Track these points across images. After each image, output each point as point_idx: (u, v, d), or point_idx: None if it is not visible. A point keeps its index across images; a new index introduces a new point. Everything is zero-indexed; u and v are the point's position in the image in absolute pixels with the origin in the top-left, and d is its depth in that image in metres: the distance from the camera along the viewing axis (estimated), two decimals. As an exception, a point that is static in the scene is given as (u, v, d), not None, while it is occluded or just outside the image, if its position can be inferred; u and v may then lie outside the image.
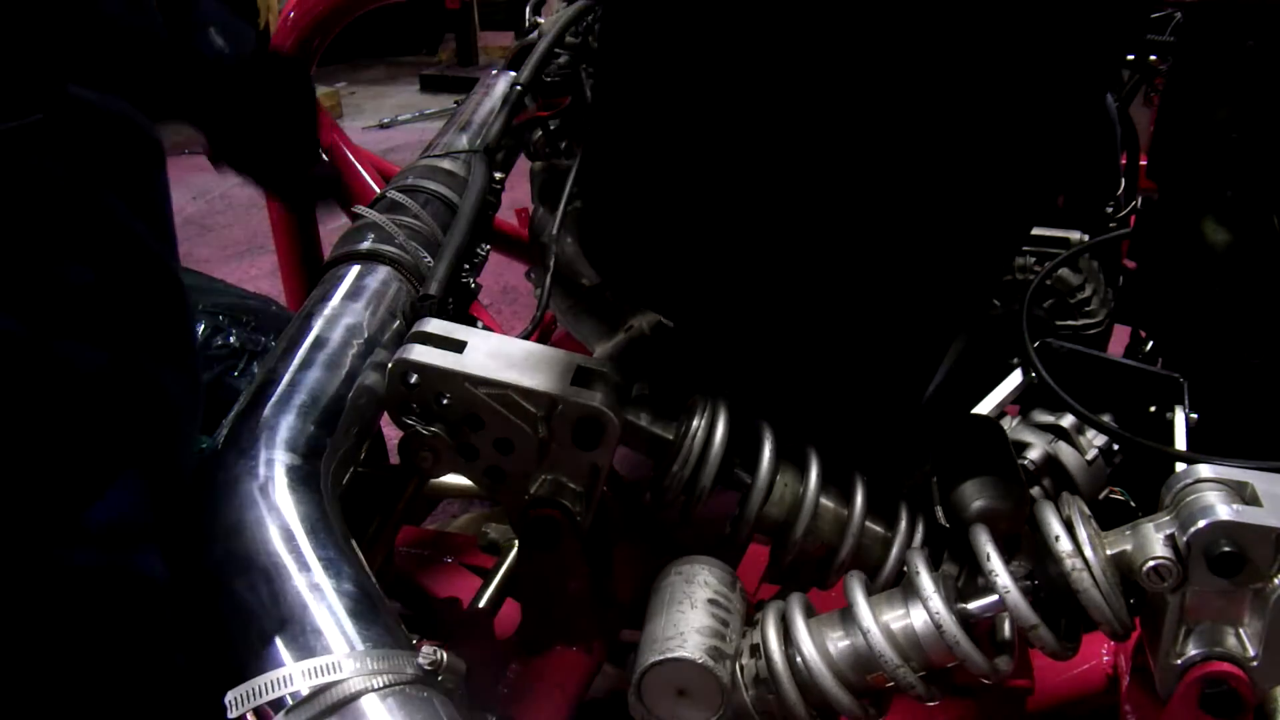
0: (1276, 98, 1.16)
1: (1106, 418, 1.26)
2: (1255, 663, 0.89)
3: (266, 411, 0.99)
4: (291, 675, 0.75)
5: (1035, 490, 1.25)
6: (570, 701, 1.16)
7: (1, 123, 0.79)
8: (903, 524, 1.10)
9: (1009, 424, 1.33)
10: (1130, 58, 1.80)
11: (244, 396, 1.03)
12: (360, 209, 1.35)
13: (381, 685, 0.76)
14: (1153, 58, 1.76)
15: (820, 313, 1.17)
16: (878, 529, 1.11)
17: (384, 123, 6.69)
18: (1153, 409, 1.26)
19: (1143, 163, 1.61)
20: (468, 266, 1.35)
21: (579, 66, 1.64)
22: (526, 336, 1.19)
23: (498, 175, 1.51)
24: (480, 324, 1.26)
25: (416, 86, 7.61)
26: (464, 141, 1.59)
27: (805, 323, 1.18)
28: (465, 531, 1.90)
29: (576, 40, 1.64)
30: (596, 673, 1.21)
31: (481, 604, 1.36)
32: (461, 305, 1.32)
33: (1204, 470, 0.92)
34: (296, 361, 1.07)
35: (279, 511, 0.88)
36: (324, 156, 1.54)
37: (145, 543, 0.89)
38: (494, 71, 1.83)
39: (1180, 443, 1.18)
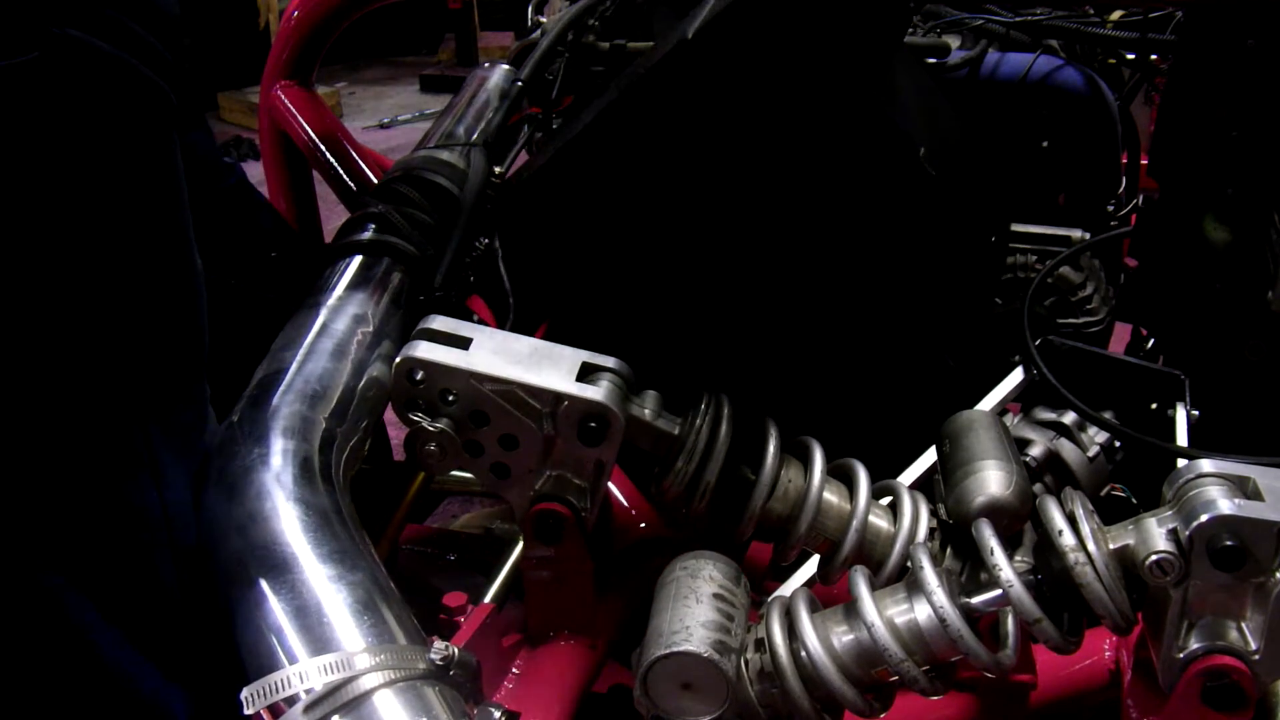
0: (1276, 97, 1.16)
1: (1108, 415, 1.26)
2: (1257, 656, 0.89)
3: (276, 400, 0.99)
4: (306, 672, 0.75)
5: (1037, 486, 1.25)
6: (574, 696, 1.16)
7: None
8: (906, 519, 1.11)
9: (1011, 421, 1.33)
10: (1131, 57, 1.80)
11: (253, 384, 1.03)
12: (362, 198, 1.36)
13: (394, 680, 0.76)
14: (1153, 57, 1.77)
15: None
16: (881, 524, 1.12)
17: (384, 123, 6.70)
18: (1154, 406, 1.26)
19: (1143, 161, 1.62)
20: (467, 260, 1.36)
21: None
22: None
23: (496, 169, 1.52)
24: (475, 317, 1.27)
25: (416, 86, 7.61)
26: (461, 133, 1.60)
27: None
28: (469, 529, 1.90)
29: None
30: (601, 667, 1.21)
31: (486, 600, 1.36)
32: (460, 298, 1.33)
33: (1206, 465, 0.92)
34: (304, 350, 1.07)
35: (294, 503, 0.88)
36: None
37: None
38: (486, 64, 1.84)
39: (1182, 439, 1.19)
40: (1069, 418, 1.30)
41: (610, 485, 1.25)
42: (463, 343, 1.07)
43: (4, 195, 0.82)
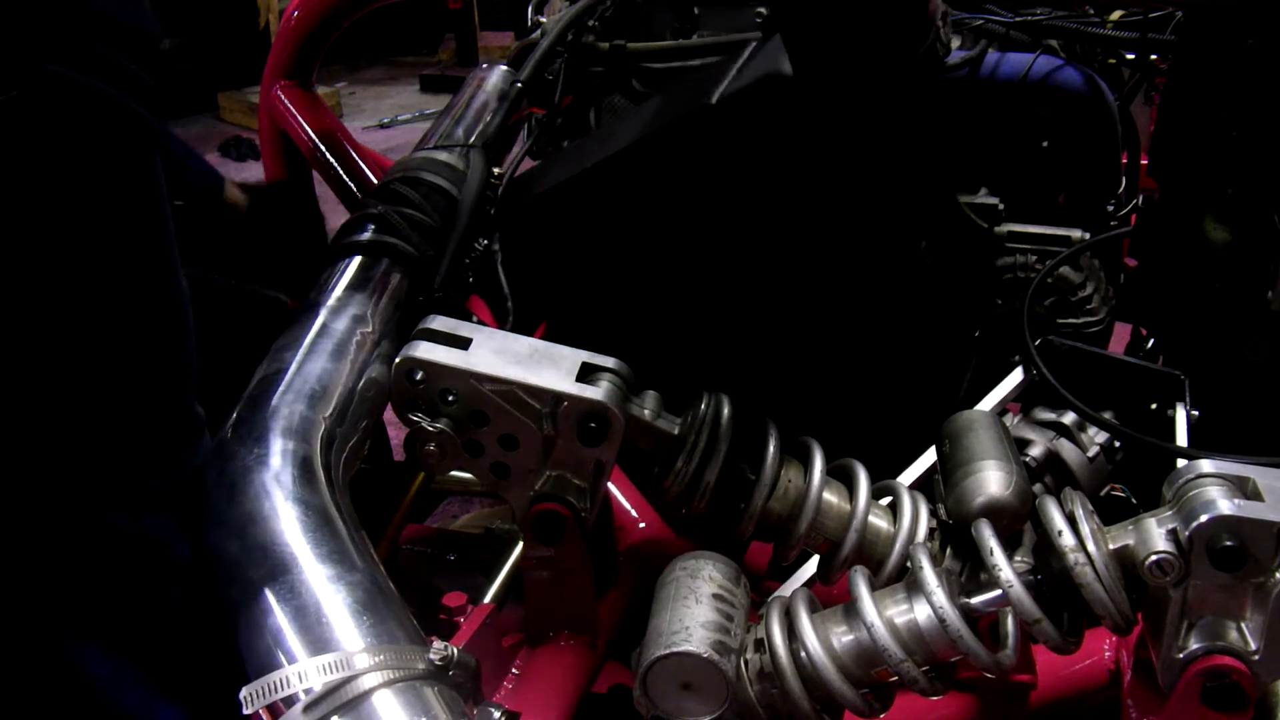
0: (1276, 97, 1.16)
1: (1108, 415, 1.26)
2: (1257, 656, 0.89)
3: (275, 400, 0.99)
4: (305, 672, 0.75)
5: (1037, 486, 1.25)
6: (574, 696, 1.16)
7: None
8: (905, 519, 1.11)
9: (1011, 421, 1.33)
10: (1131, 57, 1.80)
11: (252, 383, 1.03)
12: (362, 199, 1.36)
13: (394, 680, 0.76)
14: (1153, 57, 1.77)
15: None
16: (881, 524, 1.12)
17: (384, 123, 6.71)
18: (1154, 406, 1.26)
19: (1143, 161, 1.61)
20: (467, 260, 1.36)
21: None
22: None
23: (495, 170, 1.52)
24: (475, 318, 1.27)
25: (416, 86, 7.61)
26: (460, 134, 1.60)
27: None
28: (469, 529, 1.90)
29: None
30: (600, 667, 1.21)
31: (486, 600, 1.36)
32: (459, 298, 1.34)
33: (1206, 465, 0.92)
34: (303, 350, 1.07)
35: (293, 503, 0.88)
36: None
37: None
38: (484, 65, 1.84)
39: (1181, 439, 1.19)
40: (1069, 418, 1.30)
41: (610, 485, 1.25)
42: (462, 343, 1.07)
43: None
